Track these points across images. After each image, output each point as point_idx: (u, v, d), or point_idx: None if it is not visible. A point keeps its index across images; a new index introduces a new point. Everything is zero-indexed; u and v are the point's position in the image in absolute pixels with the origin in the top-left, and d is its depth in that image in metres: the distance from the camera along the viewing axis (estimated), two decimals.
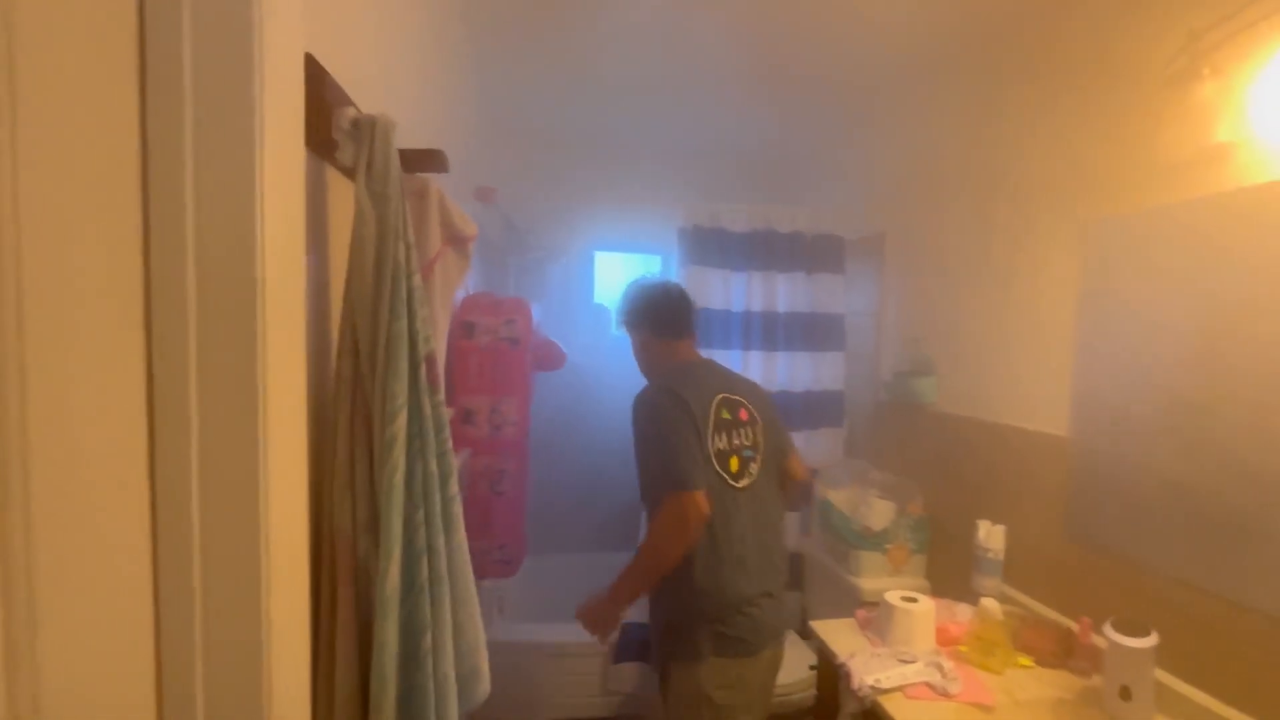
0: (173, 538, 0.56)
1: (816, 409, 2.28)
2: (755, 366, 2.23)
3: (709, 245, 2.18)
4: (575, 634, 2.22)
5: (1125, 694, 1.11)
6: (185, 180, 0.54)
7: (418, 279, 0.74)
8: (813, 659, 1.53)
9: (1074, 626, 1.30)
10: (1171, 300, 1.17)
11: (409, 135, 1.14)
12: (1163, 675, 1.13)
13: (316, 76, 0.66)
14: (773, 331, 2.24)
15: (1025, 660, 1.31)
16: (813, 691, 1.56)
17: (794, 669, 1.85)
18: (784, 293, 2.25)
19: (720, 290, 2.20)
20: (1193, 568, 1.12)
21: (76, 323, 0.47)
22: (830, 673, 1.40)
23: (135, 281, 0.54)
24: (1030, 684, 1.24)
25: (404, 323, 0.70)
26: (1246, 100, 1.04)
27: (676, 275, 2.21)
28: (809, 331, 2.26)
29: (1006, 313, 1.61)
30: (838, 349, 2.30)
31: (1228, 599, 1.06)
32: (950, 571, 1.73)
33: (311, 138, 0.66)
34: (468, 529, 1.54)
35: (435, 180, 0.97)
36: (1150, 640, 1.10)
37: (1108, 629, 1.14)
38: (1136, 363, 1.24)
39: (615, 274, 2.90)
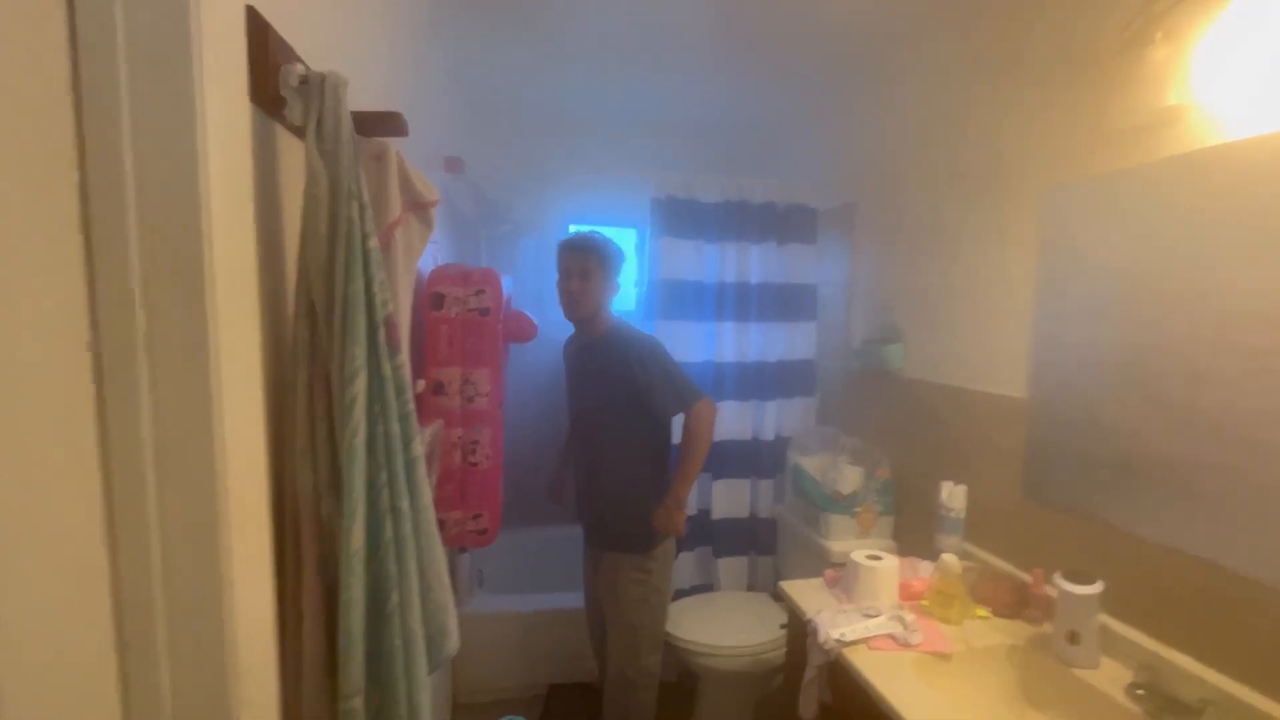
0: (128, 503, 0.56)
1: (790, 379, 2.31)
2: (729, 338, 2.26)
3: (682, 216, 2.18)
4: (554, 603, 2.27)
5: (1073, 638, 1.17)
6: (123, 134, 0.53)
7: (374, 241, 0.74)
8: (784, 619, 1.58)
9: (1028, 579, 1.36)
10: (1121, 264, 1.21)
11: (370, 101, 1.12)
12: (1108, 620, 1.19)
13: (260, 30, 0.65)
14: (746, 302, 2.26)
15: (982, 611, 1.37)
16: (784, 650, 1.62)
17: (766, 629, 1.91)
18: (757, 263, 2.26)
19: (694, 261, 2.21)
20: (1136, 519, 1.17)
21: (17, 291, 0.47)
22: (799, 629, 1.44)
23: (75, 246, 0.53)
24: (987, 633, 1.30)
25: (360, 284, 0.70)
26: (1193, 64, 1.06)
27: (650, 247, 2.21)
28: (782, 302, 2.28)
29: (970, 280, 1.64)
30: (810, 319, 2.33)
31: (1166, 546, 1.11)
32: (916, 531, 1.79)
33: (258, 94, 0.65)
34: (443, 500, 1.57)
35: (395, 145, 0.95)
36: (1096, 587, 1.16)
37: (1058, 579, 1.20)
38: (1088, 326, 1.28)
39: None
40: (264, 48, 0.65)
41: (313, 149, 0.68)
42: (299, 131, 0.73)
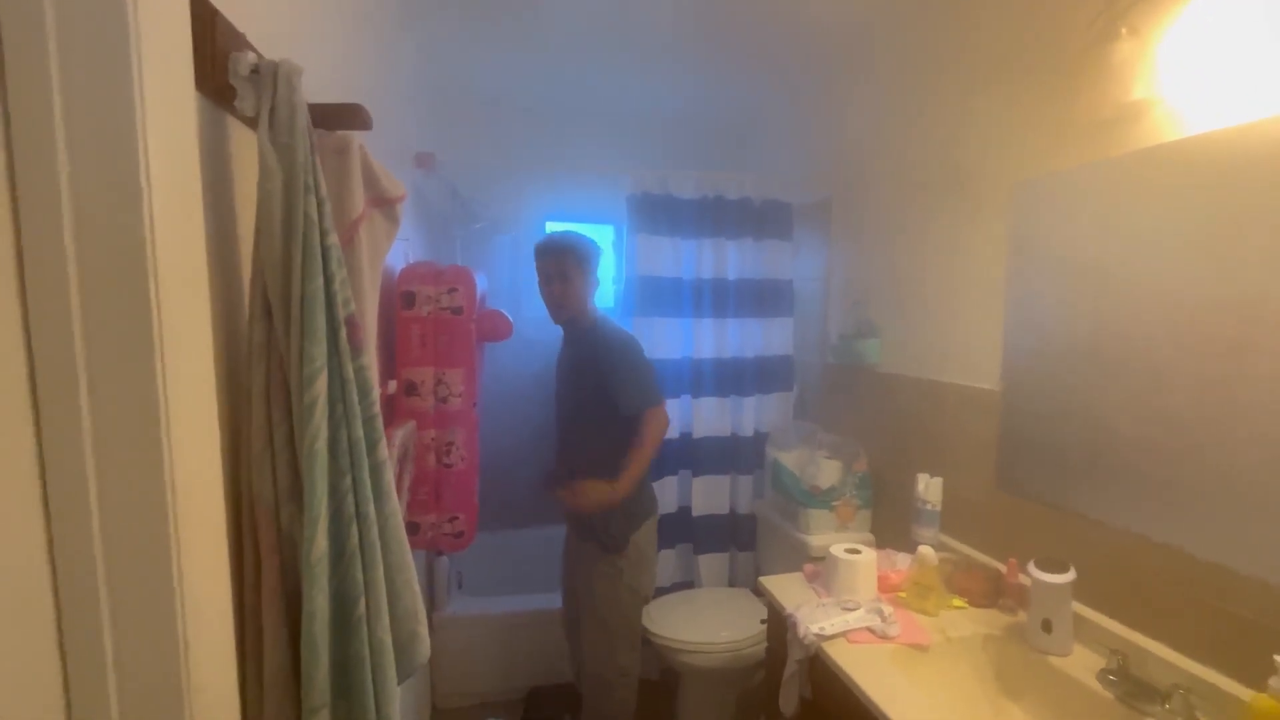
0: (68, 515, 0.53)
1: (767, 374, 2.31)
2: (706, 334, 2.25)
3: (658, 212, 2.17)
4: (533, 605, 2.25)
5: (1047, 626, 1.19)
6: (55, 123, 0.50)
7: (334, 238, 0.71)
8: (764, 614, 1.58)
9: (1003, 569, 1.38)
10: (1087, 257, 1.22)
11: (332, 94, 1.09)
12: (1080, 608, 1.21)
13: (206, 15, 0.61)
14: (723, 298, 2.25)
15: (959, 602, 1.38)
16: (764, 645, 1.61)
17: (746, 625, 1.91)
18: (733, 259, 2.25)
19: (671, 257, 2.20)
20: (1106, 508, 1.19)
21: None
22: (779, 625, 1.44)
23: (6, 243, 0.49)
24: (963, 623, 1.31)
25: (319, 282, 0.67)
26: (1157, 59, 1.07)
27: (627, 243, 2.20)
28: (759, 298, 2.28)
29: (943, 274, 1.65)
30: (787, 314, 2.33)
31: (1136, 534, 1.13)
32: (893, 523, 1.81)
33: (205, 83, 0.62)
34: (418, 503, 1.54)
35: (358, 138, 0.92)
36: (1068, 576, 1.17)
37: (1031, 568, 1.21)
38: (1057, 318, 1.29)
39: None
40: (211, 34, 0.62)
41: (265, 141, 0.65)
42: (252, 123, 0.70)
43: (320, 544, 0.68)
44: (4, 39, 0.47)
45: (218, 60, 0.63)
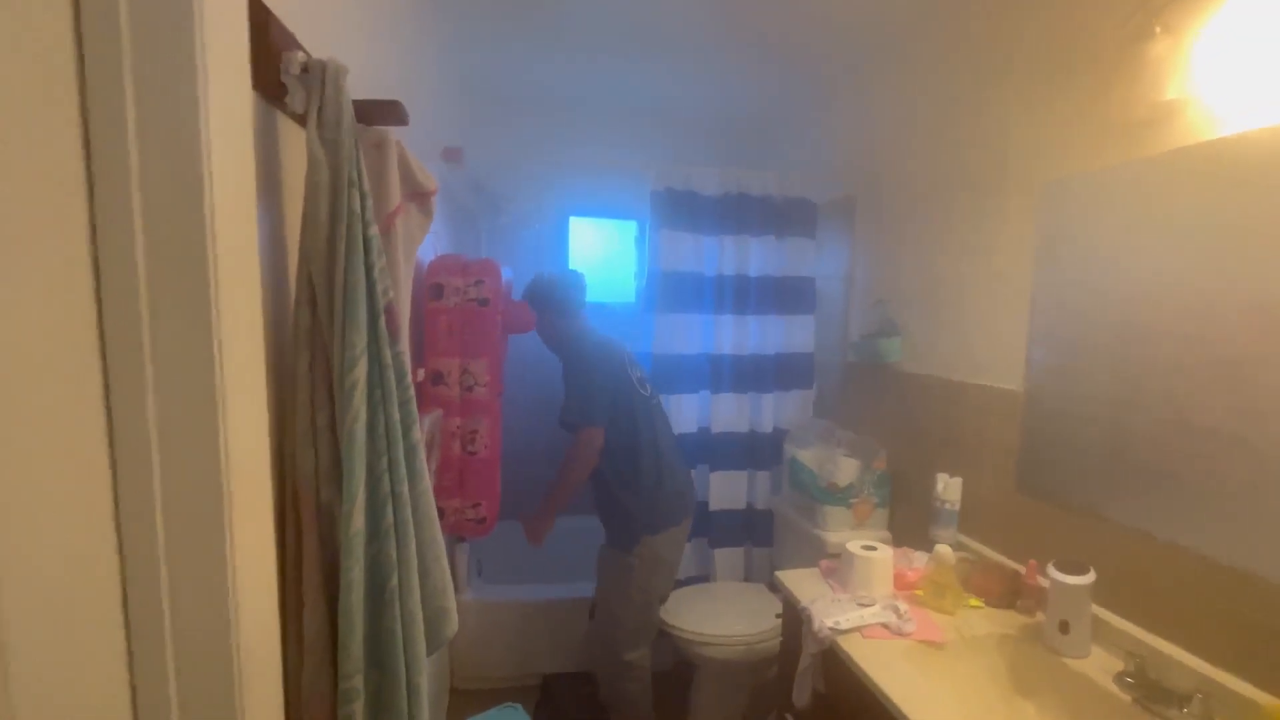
0: (134, 489, 0.57)
1: (787, 371, 2.32)
2: (727, 330, 2.26)
3: (681, 209, 2.18)
4: (551, 594, 2.29)
5: (1064, 628, 1.19)
6: (127, 122, 0.53)
7: (375, 229, 0.74)
8: (779, 609, 1.60)
9: (1021, 570, 1.37)
10: (1114, 258, 1.21)
11: (368, 89, 1.12)
12: (1099, 610, 1.20)
13: (261, 17, 0.65)
14: (745, 295, 2.26)
15: (976, 601, 1.38)
16: (779, 639, 1.63)
17: (761, 619, 1.92)
18: (756, 256, 2.26)
19: (693, 254, 2.21)
20: (1128, 512, 1.18)
21: (24, 280, 0.47)
22: (794, 618, 1.46)
23: (81, 234, 0.53)
24: (980, 623, 1.31)
25: (360, 272, 0.70)
26: (1192, 58, 1.06)
27: (650, 239, 2.22)
28: (780, 295, 2.29)
29: (968, 274, 1.64)
30: (808, 312, 2.34)
31: (1157, 538, 1.12)
32: (911, 523, 1.81)
33: (259, 81, 0.66)
34: (442, 489, 1.58)
35: (395, 134, 0.96)
36: (1088, 578, 1.17)
37: (1050, 569, 1.21)
38: (1083, 320, 1.28)
39: (589, 238, 2.89)
40: (265, 35, 0.65)
41: (314, 137, 0.68)
42: (300, 119, 0.73)
43: (357, 521, 0.71)
44: (85, 51, 0.51)
45: (271, 60, 0.67)
